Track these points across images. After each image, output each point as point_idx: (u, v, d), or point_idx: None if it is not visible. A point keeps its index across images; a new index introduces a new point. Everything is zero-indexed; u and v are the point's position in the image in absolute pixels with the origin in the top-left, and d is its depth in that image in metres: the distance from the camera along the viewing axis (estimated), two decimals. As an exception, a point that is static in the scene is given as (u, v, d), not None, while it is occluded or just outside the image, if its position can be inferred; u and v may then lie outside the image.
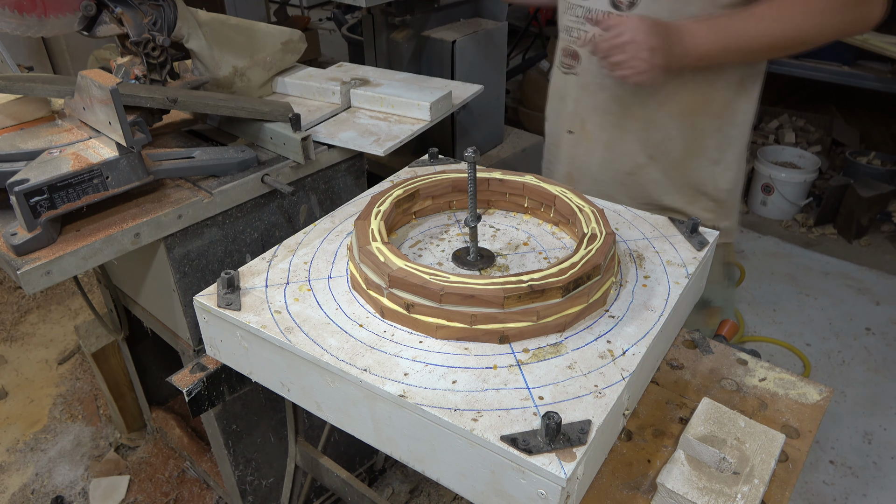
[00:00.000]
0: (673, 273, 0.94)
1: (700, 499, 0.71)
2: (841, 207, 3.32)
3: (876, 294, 2.94)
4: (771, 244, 3.31)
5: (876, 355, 2.59)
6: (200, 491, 2.08)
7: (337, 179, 1.53)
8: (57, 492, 2.10)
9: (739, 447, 0.75)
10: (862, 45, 3.04)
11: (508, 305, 0.80)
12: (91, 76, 1.11)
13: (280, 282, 0.94)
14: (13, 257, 1.06)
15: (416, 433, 0.74)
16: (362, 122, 1.54)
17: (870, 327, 2.74)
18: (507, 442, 0.67)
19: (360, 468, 2.02)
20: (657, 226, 1.06)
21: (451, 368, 0.77)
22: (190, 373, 0.98)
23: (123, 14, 1.32)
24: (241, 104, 1.36)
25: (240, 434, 1.60)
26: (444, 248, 1.02)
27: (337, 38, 5.33)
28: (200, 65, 1.49)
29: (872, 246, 3.27)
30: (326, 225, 1.08)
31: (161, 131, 1.49)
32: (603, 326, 0.84)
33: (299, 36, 1.69)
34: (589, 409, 0.72)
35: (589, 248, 0.88)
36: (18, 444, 2.27)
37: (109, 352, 2.01)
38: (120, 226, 1.16)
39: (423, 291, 0.81)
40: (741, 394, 0.90)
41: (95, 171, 1.12)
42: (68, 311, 2.88)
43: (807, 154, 3.54)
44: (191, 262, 1.33)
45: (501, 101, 2.58)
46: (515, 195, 1.10)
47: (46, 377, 2.55)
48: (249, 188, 1.33)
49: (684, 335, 1.01)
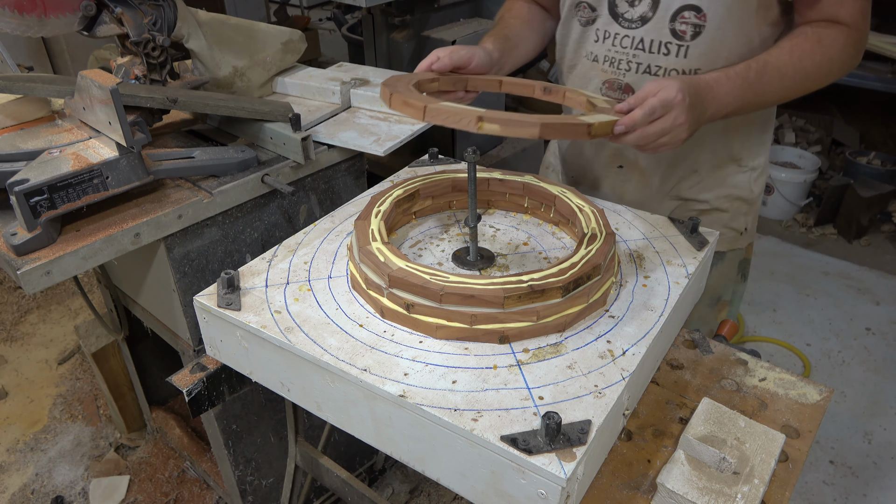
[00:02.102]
0: (673, 273, 0.94)
1: (700, 499, 0.71)
2: (841, 207, 3.32)
3: (876, 294, 2.94)
4: (771, 244, 3.31)
5: (876, 355, 2.59)
6: (200, 491, 2.08)
7: (337, 179, 1.53)
8: (57, 492, 2.10)
9: (739, 447, 0.75)
10: (862, 45, 3.04)
11: (508, 305, 0.80)
12: (91, 76, 1.11)
13: (280, 282, 0.94)
14: (13, 257, 1.06)
15: (416, 433, 0.74)
16: (362, 122, 1.54)
17: (870, 327, 2.74)
18: (507, 442, 0.67)
19: (360, 468, 2.02)
20: (657, 226, 1.06)
21: (451, 368, 0.77)
22: (190, 373, 0.98)
23: (123, 14, 1.32)
24: (241, 104, 1.36)
25: (240, 434, 1.60)
26: (444, 248, 1.02)
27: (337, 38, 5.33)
28: (200, 65, 1.49)
29: (872, 246, 3.27)
30: (326, 225, 1.08)
31: (161, 131, 1.49)
32: (603, 326, 0.84)
33: (299, 36, 1.69)
34: (589, 409, 0.72)
35: (589, 248, 0.88)
36: (18, 444, 2.27)
37: (109, 352, 2.01)
38: (120, 226, 1.16)
39: (423, 291, 0.81)
40: (741, 394, 0.90)
41: (95, 171, 1.12)
42: (68, 311, 2.88)
43: (807, 154, 3.54)
44: (191, 262, 1.33)
45: (501, 102, 2.58)
46: (515, 195, 1.10)
47: (46, 377, 2.55)
48: (249, 188, 1.33)
49: (684, 335, 1.01)
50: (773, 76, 1.03)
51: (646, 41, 1.13)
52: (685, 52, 1.10)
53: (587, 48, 1.22)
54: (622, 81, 1.18)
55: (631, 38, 1.14)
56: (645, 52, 1.14)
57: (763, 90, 1.03)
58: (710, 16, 1.07)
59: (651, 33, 1.12)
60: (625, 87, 1.18)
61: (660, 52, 1.12)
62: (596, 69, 1.21)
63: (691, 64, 1.11)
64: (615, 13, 1.15)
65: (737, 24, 1.07)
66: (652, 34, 1.12)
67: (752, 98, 1.04)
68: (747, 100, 1.03)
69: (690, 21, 1.08)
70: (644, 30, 1.12)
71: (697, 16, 1.07)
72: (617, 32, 1.16)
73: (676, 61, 1.11)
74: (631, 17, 1.13)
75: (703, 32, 1.08)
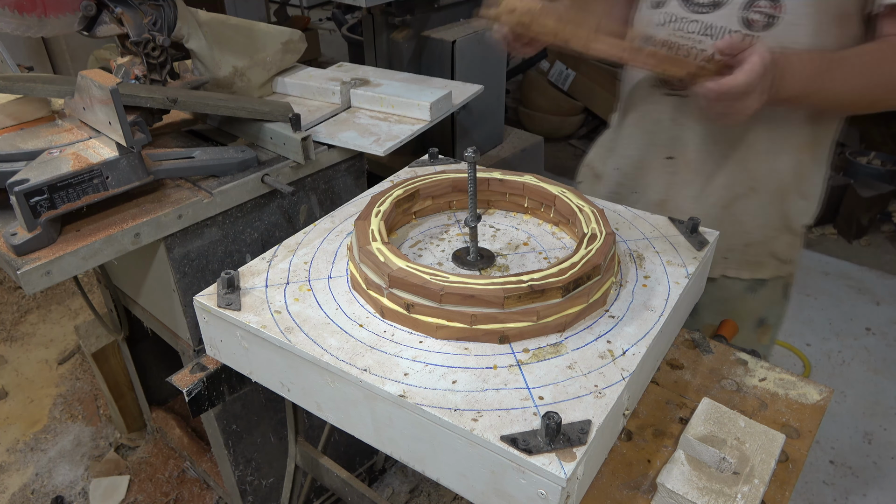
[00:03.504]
0: (673, 273, 0.94)
1: (700, 499, 0.71)
2: (841, 207, 3.32)
3: (876, 294, 2.94)
4: (771, 244, 3.31)
5: (876, 355, 2.59)
6: (200, 491, 2.08)
7: (337, 179, 1.53)
8: (57, 492, 2.10)
9: (739, 447, 0.75)
10: (862, 45, 3.04)
11: (508, 305, 0.80)
12: (91, 76, 1.11)
13: (280, 282, 0.94)
14: (13, 257, 1.06)
15: (416, 433, 0.74)
16: (362, 122, 1.54)
17: (870, 327, 2.74)
18: (507, 442, 0.67)
19: (360, 468, 2.02)
20: (657, 226, 1.06)
21: (451, 368, 0.77)
22: (190, 373, 0.98)
23: (123, 14, 1.32)
24: (241, 104, 1.36)
25: (240, 434, 1.60)
26: (444, 248, 1.02)
27: (337, 38, 5.33)
28: (200, 65, 1.49)
29: (872, 246, 3.27)
30: (326, 225, 1.08)
31: (161, 131, 1.49)
32: (603, 326, 0.84)
33: (299, 36, 1.69)
34: (589, 409, 0.72)
35: (589, 249, 0.88)
36: (18, 444, 2.27)
37: (109, 352, 2.01)
38: (120, 226, 1.16)
39: (423, 291, 0.81)
40: (741, 394, 0.90)
41: (95, 171, 1.12)
42: (68, 311, 2.88)
43: (807, 154, 3.54)
44: (191, 262, 1.33)
45: (501, 101, 2.58)
46: (515, 195, 1.10)
47: (46, 377, 2.55)
48: (249, 188, 1.33)
49: (684, 335, 1.01)
50: (847, 71, 0.97)
51: (714, 27, 1.07)
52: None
53: (649, 31, 1.15)
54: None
55: (699, 23, 1.09)
56: (711, 39, 1.08)
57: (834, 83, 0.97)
58: (787, 7, 1.01)
59: (721, 19, 1.06)
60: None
61: None
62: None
63: None
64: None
65: (814, 25, 1.02)
66: (722, 20, 1.06)
67: (820, 86, 0.97)
68: (815, 87, 0.97)
69: (765, 10, 1.03)
70: (715, 15, 1.07)
71: (773, 6, 1.02)
72: (685, 17, 1.10)
73: None
74: (702, 2, 1.08)
75: (776, 24, 1.02)
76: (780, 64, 0.93)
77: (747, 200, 1.20)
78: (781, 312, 1.33)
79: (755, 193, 1.19)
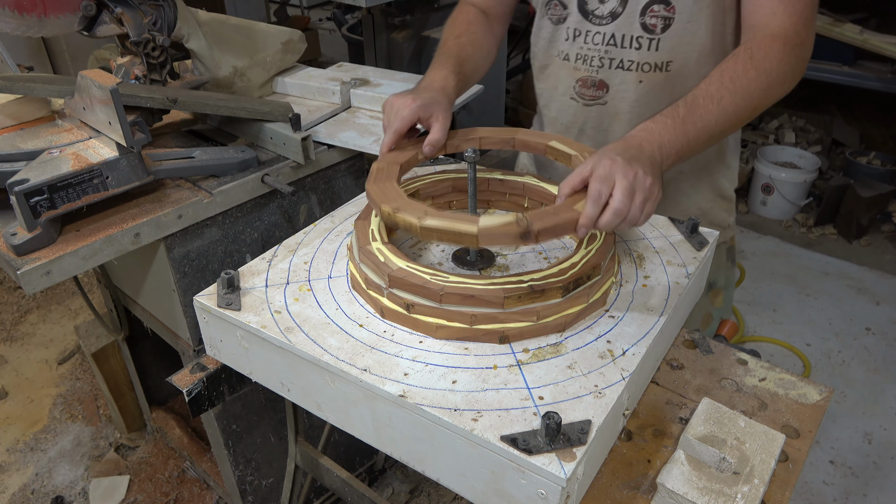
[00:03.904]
0: (673, 273, 0.94)
1: (700, 499, 0.71)
2: (841, 207, 3.32)
3: (876, 294, 2.94)
4: (771, 244, 3.31)
5: (876, 355, 2.59)
6: (200, 491, 2.08)
7: (337, 179, 1.53)
8: (57, 492, 2.10)
9: (739, 447, 0.75)
10: (862, 45, 3.04)
11: (508, 305, 0.80)
12: (91, 76, 1.11)
13: (280, 282, 0.94)
14: (13, 257, 1.06)
15: (417, 433, 0.74)
16: (362, 122, 1.54)
17: (870, 327, 2.74)
18: (507, 442, 0.67)
19: (360, 468, 2.02)
20: (657, 226, 1.06)
21: (451, 368, 0.77)
22: (190, 373, 0.98)
23: (123, 14, 1.32)
24: (241, 104, 1.36)
25: (240, 434, 1.60)
26: (444, 248, 1.02)
27: (337, 38, 5.33)
28: (200, 65, 1.49)
29: (872, 246, 3.27)
30: (326, 225, 1.08)
31: (161, 131, 1.49)
32: (603, 326, 0.84)
33: (299, 36, 1.69)
34: (589, 409, 0.72)
35: (589, 248, 0.88)
36: (18, 444, 2.27)
37: (109, 352, 2.01)
38: (120, 226, 1.16)
39: (423, 291, 0.81)
40: (741, 394, 0.90)
41: (95, 171, 1.12)
42: (68, 311, 2.88)
43: (807, 154, 3.54)
44: (191, 262, 1.33)
45: (501, 101, 2.58)
46: (515, 195, 1.10)
47: (46, 377, 2.55)
48: (249, 188, 1.33)
49: (684, 335, 1.01)
50: (707, 105, 0.95)
51: (617, 36, 1.14)
52: (656, 45, 1.12)
53: (558, 47, 1.22)
54: (595, 78, 1.20)
55: (602, 34, 1.15)
56: (617, 48, 1.15)
57: (702, 121, 0.95)
58: (678, 8, 1.08)
59: (622, 28, 1.13)
60: (598, 83, 1.20)
61: (631, 47, 1.14)
62: (567, 68, 1.22)
63: (663, 57, 1.13)
64: (585, 10, 1.16)
65: (708, 18, 1.09)
66: (623, 29, 1.13)
67: (694, 132, 0.93)
68: (691, 135, 0.93)
69: (660, 14, 1.10)
70: (614, 25, 1.13)
71: (667, 9, 1.09)
72: (588, 30, 1.16)
73: (648, 55, 1.13)
74: (601, 14, 1.14)
75: (672, 25, 1.10)
76: (630, 142, 0.88)
77: (679, 184, 1.28)
78: (730, 276, 1.43)
79: (684, 176, 1.28)
